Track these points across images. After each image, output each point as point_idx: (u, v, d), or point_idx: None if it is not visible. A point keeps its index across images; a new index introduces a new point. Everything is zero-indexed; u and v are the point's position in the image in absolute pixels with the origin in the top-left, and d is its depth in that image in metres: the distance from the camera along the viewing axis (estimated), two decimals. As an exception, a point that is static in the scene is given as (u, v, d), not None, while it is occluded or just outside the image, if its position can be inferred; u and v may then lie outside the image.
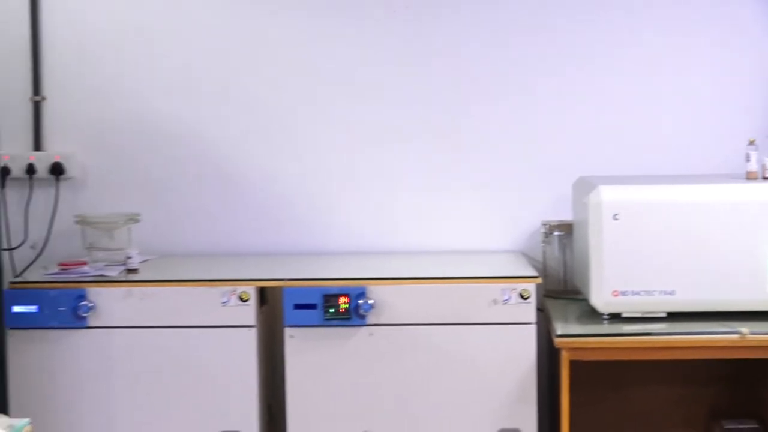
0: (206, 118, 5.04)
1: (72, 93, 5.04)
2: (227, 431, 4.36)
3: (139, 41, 5.03)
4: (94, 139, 5.05)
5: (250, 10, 5.02)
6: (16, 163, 4.95)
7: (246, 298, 4.32)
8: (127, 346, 4.37)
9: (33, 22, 4.99)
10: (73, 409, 4.35)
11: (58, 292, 4.35)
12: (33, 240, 4.98)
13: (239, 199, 5.03)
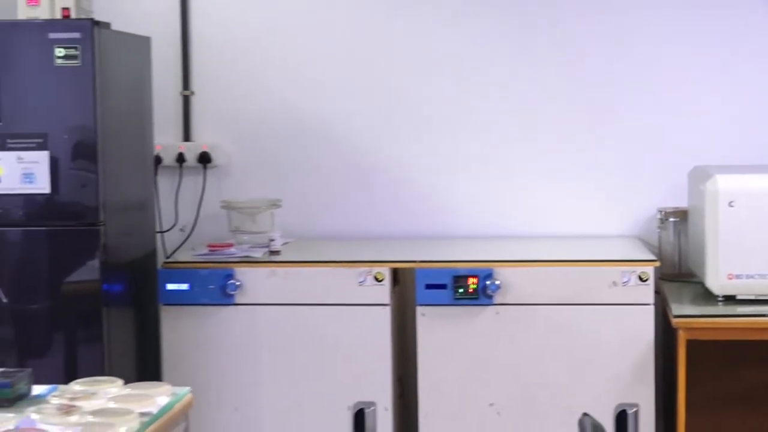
0: (341, 110, 5.10)
1: (218, 88, 5.14)
2: (362, 402, 4.42)
3: (279, 39, 5.11)
4: (238, 130, 5.14)
5: (380, 9, 5.07)
6: (168, 152, 5.06)
7: (381, 278, 4.39)
8: (270, 322, 4.46)
9: (183, 23, 5.09)
10: (221, 379, 4.45)
11: (208, 271, 4.47)
12: (182, 223, 5.09)
13: (372, 185, 5.09)
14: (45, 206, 4.15)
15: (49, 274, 4.25)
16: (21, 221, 4.18)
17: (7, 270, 4.26)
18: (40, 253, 4.26)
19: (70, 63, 4.05)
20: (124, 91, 4.45)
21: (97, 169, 4.11)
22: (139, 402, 2.86)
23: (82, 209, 4.14)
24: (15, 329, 4.30)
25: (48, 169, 4.09)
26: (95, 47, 4.07)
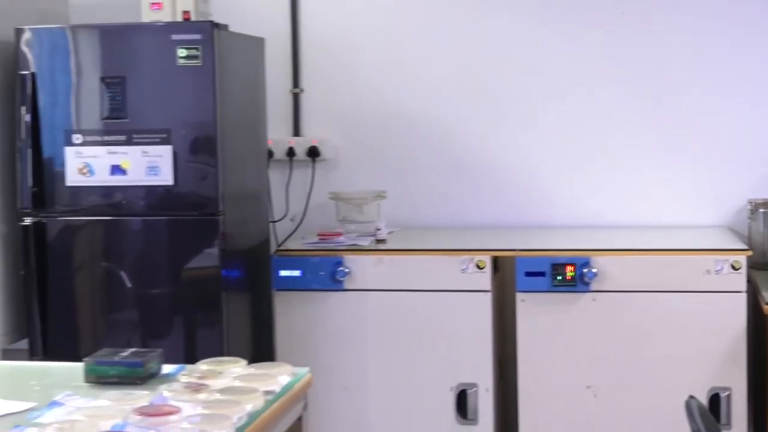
0: (444, 105, 5.11)
1: (326, 86, 5.18)
2: (465, 383, 4.43)
3: (384, 39, 5.14)
4: (345, 125, 5.17)
5: (482, 9, 5.06)
6: (279, 147, 5.11)
7: (482, 265, 4.39)
8: (377, 307, 4.49)
9: (293, 25, 5.14)
10: (331, 360, 4.49)
11: (319, 258, 4.51)
12: (293, 213, 5.13)
13: (473, 177, 5.09)
14: (168, 197, 4.21)
15: (171, 261, 4.32)
16: (145, 211, 4.25)
17: (131, 257, 4.35)
18: (162, 242, 4.33)
19: (192, 63, 4.11)
20: (241, 89, 4.50)
21: (217, 163, 4.17)
22: (263, 381, 2.89)
23: (203, 200, 4.20)
24: (138, 312, 4.38)
25: (171, 162, 4.16)
26: (215, 48, 4.12)
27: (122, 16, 4.50)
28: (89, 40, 4.28)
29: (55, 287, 4.30)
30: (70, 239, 4.34)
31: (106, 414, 2.61)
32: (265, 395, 2.80)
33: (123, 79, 4.16)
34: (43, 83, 4.21)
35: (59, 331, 4.33)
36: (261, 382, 2.89)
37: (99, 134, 4.20)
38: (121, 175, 4.19)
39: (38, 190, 4.23)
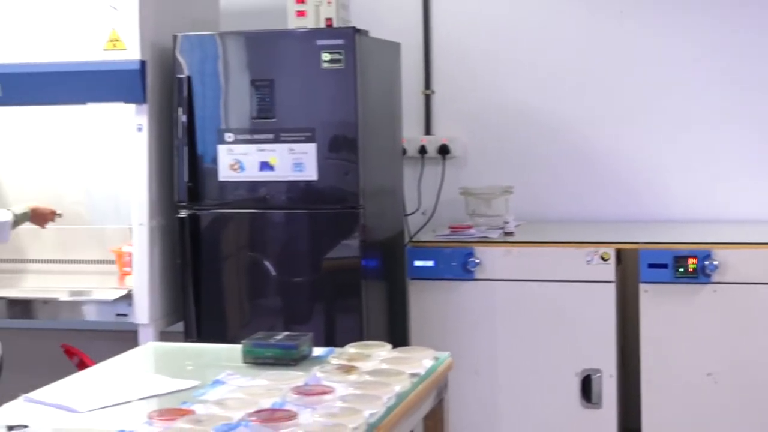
0: (566, 104, 5.07)
1: (456, 87, 5.17)
2: (589, 369, 4.40)
3: (510, 42, 5.11)
4: (474, 124, 5.16)
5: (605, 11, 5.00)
6: (411, 145, 5.11)
7: (607, 258, 4.35)
8: (506, 296, 4.48)
9: (425, 31, 5.15)
10: (462, 345, 4.47)
11: (451, 250, 4.51)
12: (424, 207, 5.13)
13: (596, 173, 5.04)
14: (311, 192, 4.24)
15: (312, 251, 4.36)
16: (291, 204, 4.30)
17: (276, 247, 4.40)
18: (304, 233, 4.37)
19: (335, 66, 4.13)
20: (379, 90, 4.52)
21: (358, 159, 4.19)
22: (408, 364, 2.91)
23: (345, 194, 4.22)
24: (281, 299, 4.43)
25: (315, 159, 4.19)
26: (356, 52, 4.14)
27: (269, 23, 4.56)
28: (239, 45, 4.33)
29: (207, 274, 4.38)
30: (220, 230, 4.41)
31: (265, 392, 2.66)
32: (411, 377, 2.82)
33: (271, 81, 4.20)
34: (198, 86, 4.28)
35: (210, 315, 4.40)
36: (406, 364, 2.90)
37: (249, 133, 4.25)
38: (269, 171, 4.24)
39: (193, 185, 4.30)
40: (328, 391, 2.63)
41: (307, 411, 2.50)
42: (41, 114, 4.69)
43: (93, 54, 4.21)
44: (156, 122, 4.29)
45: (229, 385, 2.78)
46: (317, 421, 2.43)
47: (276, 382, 2.75)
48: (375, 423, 2.48)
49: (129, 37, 4.17)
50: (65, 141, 4.80)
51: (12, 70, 4.30)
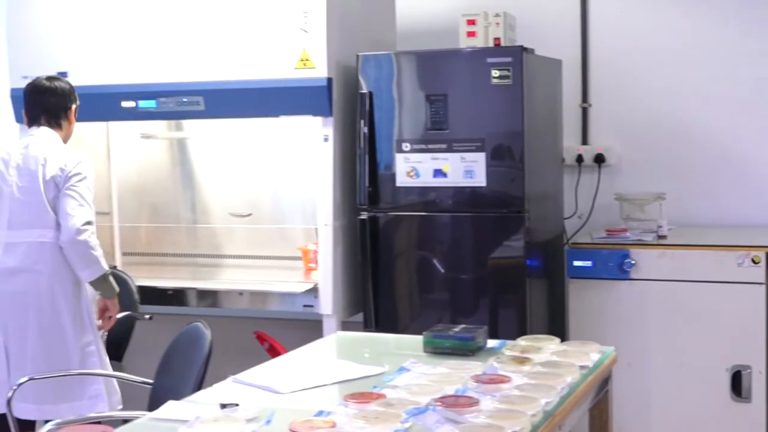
0: (716, 114, 4.90)
1: (611, 101, 5.07)
2: (739, 365, 4.26)
3: (662, 58, 4.98)
4: (629, 134, 5.05)
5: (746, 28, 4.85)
6: (569, 153, 5.04)
7: (758, 260, 4.21)
8: (659, 295, 4.38)
9: (583, 48, 5.07)
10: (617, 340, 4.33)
11: (608, 251, 4.44)
12: (580, 212, 5.06)
13: (742, 180, 4.86)
14: (479, 196, 4.23)
15: (479, 251, 4.34)
16: (460, 208, 4.29)
17: (445, 246, 4.40)
18: (472, 234, 4.36)
19: (503, 82, 4.11)
20: (542, 104, 4.48)
21: (523, 167, 4.16)
22: (577, 357, 2.87)
23: (511, 199, 4.20)
24: (449, 294, 4.43)
25: (484, 167, 4.18)
26: (523, 69, 4.11)
27: (441, 43, 4.56)
28: (415, 63, 4.35)
29: (383, 270, 4.41)
30: (396, 231, 4.44)
31: (448, 380, 2.66)
32: (580, 369, 2.78)
33: (445, 96, 4.21)
34: (378, 100, 4.32)
35: (385, 307, 4.43)
36: (575, 357, 2.87)
37: (424, 143, 4.27)
38: (442, 178, 4.25)
39: (372, 190, 4.34)
40: (505, 380, 2.62)
41: (486, 398, 2.50)
42: (238, 126, 4.81)
43: (285, 72, 4.29)
44: (340, 133, 4.35)
45: (414, 372, 2.79)
46: (497, 408, 2.42)
47: (456, 370, 2.76)
48: (551, 411, 2.46)
49: (317, 57, 4.24)
50: (258, 150, 4.91)
51: (214, 86, 4.41)
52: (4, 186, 3.92)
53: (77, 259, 3.87)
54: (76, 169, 3.90)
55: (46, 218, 3.86)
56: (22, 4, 4.69)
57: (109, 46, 4.54)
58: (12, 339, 3.87)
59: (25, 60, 4.60)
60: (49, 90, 4.05)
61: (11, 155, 3.97)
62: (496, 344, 3.10)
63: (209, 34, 4.41)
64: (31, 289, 3.85)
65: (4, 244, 3.88)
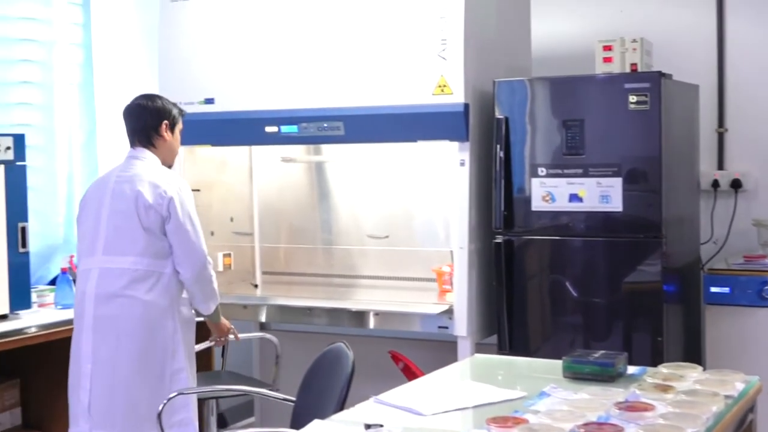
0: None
1: (748, 124, 4.93)
2: None
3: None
4: (766, 159, 4.88)
5: None
6: (704, 178, 4.91)
7: None
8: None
9: (719, 74, 4.94)
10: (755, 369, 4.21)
11: (746, 277, 4.31)
12: (715, 237, 4.91)
13: None
14: (615, 221, 4.15)
15: (613, 275, 4.25)
16: (595, 233, 4.21)
17: (580, 270, 4.32)
18: (607, 258, 4.27)
19: (641, 107, 4.02)
20: (679, 129, 4.37)
21: (660, 192, 4.06)
22: (721, 386, 2.77)
23: (648, 224, 4.09)
24: (582, 317, 4.34)
25: (620, 191, 4.09)
26: (661, 94, 4.02)
27: (577, 69, 4.50)
28: (550, 89, 4.30)
29: (517, 293, 4.36)
30: (531, 255, 4.38)
31: (590, 406, 2.60)
32: (725, 399, 2.68)
33: (581, 121, 4.15)
34: (514, 125, 4.28)
35: (519, 330, 4.38)
36: (720, 386, 2.77)
37: (560, 168, 4.21)
38: (578, 203, 4.18)
39: (508, 214, 4.30)
40: (648, 408, 2.54)
41: (631, 426, 2.43)
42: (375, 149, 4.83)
43: (423, 98, 4.28)
44: (476, 158, 4.32)
45: (554, 397, 2.73)
46: (642, 436, 2.34)
47: (598, 397, 2.69)
48: (697, 441, 2.37)
49: (455, 83, 4.22)
50: (394, 173, 4.91)
51: (354, 112, 4.44)
52: (102, 210, 3.83)
53: (200, 293, 3.83)
54: (177, 194, 3.79)
55: (141, 245, 3.75)
56: (173, 36, 4.81)
57: (253, 73, 4.62)
58: (100, 366, 3.75)
59: (175, 88, 4.71)
60: (136, 110, 3.95)
61: (109, 179, 3.89)
62: (637, 371, 3.01)
63: (349, 62, 4.44)
64: (125, 314, 3.74)
65: (99, 269, 3.78)
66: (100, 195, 3.86)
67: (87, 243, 3.85)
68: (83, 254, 3.87)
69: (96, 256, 3.80)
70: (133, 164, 3.89)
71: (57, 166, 5.10)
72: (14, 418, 4.58)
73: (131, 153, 3.94)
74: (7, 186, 4.24)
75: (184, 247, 3.78)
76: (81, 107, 5.24)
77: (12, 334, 4.17)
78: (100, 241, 3.80)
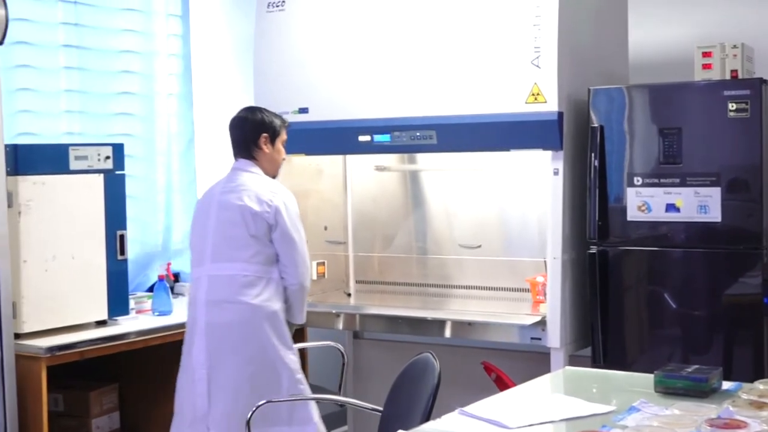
0: None
1: None
2: None
3: None
4: None
5: None
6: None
7: None
8: None
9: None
10: None
11: None
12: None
13: None
14: (713, 232, 4.05)
15: (712, 287, 4.15)
16: (692, 244, 4.12)
17: (676, 282, 4.23)
18: (705, 270, 4.17)
19: (740, 115, 3.92)
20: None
21: (762, 202, 3.95)
22: (821, 404, 2.67)
23: (748, 235, 3.98)
24: (680, 330, 4.25)
25: (719, 201, 3.99)
26: (762, 101, 3.91)
27: (675, 76, 4.40)
28: (647, 97, 4.22)
29: (612, 305, 4.28)
30: (626, 265, 4.30)
31: (680, 423, 2.53)
32: (825, 418, 2.58)
33: (679, 129, 4.06)
34: (609, 134, 4.22)
35: (613, 342, 4.30)
36: (820, 405, 2.66)
37: (656, 177, 4.12)
38: (675, 213, 4.09)
39: (602, 224, 4.23)
40: (741, 426, 2.46)
41: (722, 444, 2.35)
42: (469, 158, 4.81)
43: (516, 106, 4.24)
44: (570, 167, 4.26)
45: (644, 412, 2.67)
46: (734, 455, 2.27)
47: (689, 413, 2.62)
48: (792, 462, 2.29)
49: (548, 91, 4.17)
50: (488, 182, 4.88)
51: (446, 121, 4.42)
52: (209, 221, 3.98)
53: (299, 303, 3.97)
54: (283, 203, 3.92)
55: (249, 252, 3.89)
56: (268, 46, 4.87)
57: (346, 83, 4.64)
58: (215, 371, 3.88)
59: (270, 97, 4.77)
60: (238, 122, 4.09)
61: (215, 190, 4.04)
62: (732, 386, 2.92)
63: (442, 70, 4.43)
64: (236, 319, 3.86)
65: (208, 277, 3.93)
66: (207, 207, 4.02)
67: (197, 253, 4.02)
68: (194, 264, 4.04)
69: (205, 265, 3.96)
70: (239, 175, 4.03)
71: (157, 175, 5.22)
72: (113, 421, 4.69)
73: (236, 165, 4.09)
74: (106, 194, 4.35)
75: (290, 256, 3.91)
76: (180, 117, 5.36)
77: (110, 340, 4.28)
78: (208, 249, 3.96)
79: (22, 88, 4.65)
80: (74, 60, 4.88)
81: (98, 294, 4.34)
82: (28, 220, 4.10)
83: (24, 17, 4.63)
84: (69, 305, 4.24)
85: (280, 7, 4.81)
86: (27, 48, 4.67)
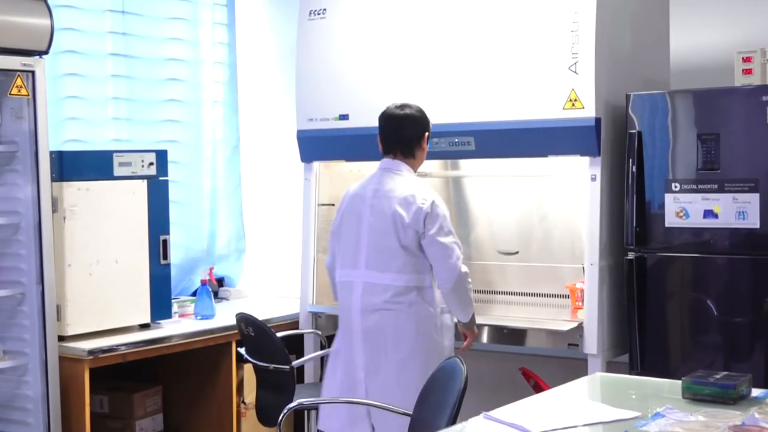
0: None
1: None
2: None
3: None
4: None
5: None
6: None
7: None
8: None
9: None
10: None
11: None
12: None
13: None
14: (754, 238, 4.00)
15: (754, 294, 4.10)
16: (733, 250, 4.07)
17: (717, 288, 4.19)
18: (747, 277, 4.12)
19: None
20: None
21: (802, 209, 3.91)
22: None
23: (787, 242, 3.95)
24: (722, 337, 4.20)
25: (758, 208, 3.95)
26: (802, 106, 3.87)
27: (714, 81, 4.37)
28: (687, 102, 4.19)
29: (651, 311, 4.25)
30: (664, 272, 4.27)
31: (703, 429, 2.53)
32: None
33: (717, 135, 4.03)
34: (647, 140, 4.19)
35: (652, 349, 4.27)
36: None
37: (694, 183, 4.09)
38: (713, 219, 4.06)
39: (640, 230, 4.21)
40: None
41: (743, 450, 2.34)
42: (508, 164, 4.81)
43: (554, 112, 4.24)
44: (607, 172, 4.25)
45: (668, 418, 2.67)
46: (754, 462, 2.26)
47: (713, 419, 2.61)
48: (813, 469, 2.27)
49: (586, 97, 4.17)
50: (527, 188, 4.88)
51: (484, 127, 4.44)
52: (362, 225, 3.98)
53: (457, 303, 3.98)
54: (432, 208, 3.90)
55: (400, 263, 3.90)
56: (309, 53, 4.93)
57: (386, 90, 4.68)
58: (373, 375, 3.93)
59: (311, 104, 4.83)
60: (401, 119, 4.04)
61: (366, 192, 4.02)
62: (761, 393, 2.90)
63: (479, 76, 4.45)
64: (391, 325, 3.91)
65: (363, 283, 3.96)
66: (359, 209, 4.02)
67: (348, 257, 4.02)
68: (345, 265, 4.04)
69: (359, 270, 3.98)
70: (390, 178, 4.02)
71: (202, 181, 5.30)
72: (156, 423, 4.77)
73: (386, 164, 4.08)
74: (149, 200, 4.44)
75: (441, 259, 3.91)
76: (225, 123, 5.44)
77: (153, 343, 4.36)
78: (362, 255, 3.97)
79: (71, 95, 4.77)
80: (121, 68, 4.98)
81: (141, 298, 4.43)
82: (72, 225, 4.20)
83: (72, 27, 4.74)
84: (112, 309, 4.33)
85: (322, 15, 4.87)
86: (75, 57, 4.78)
